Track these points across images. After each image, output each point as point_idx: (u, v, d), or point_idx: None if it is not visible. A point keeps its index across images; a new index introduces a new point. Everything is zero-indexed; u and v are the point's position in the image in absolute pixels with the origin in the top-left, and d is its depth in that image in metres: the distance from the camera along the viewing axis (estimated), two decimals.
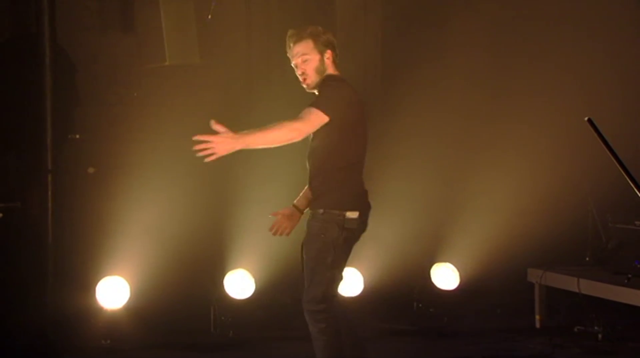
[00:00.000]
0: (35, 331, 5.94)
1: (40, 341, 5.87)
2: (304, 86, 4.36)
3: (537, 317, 6.86)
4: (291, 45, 4.29)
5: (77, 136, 6.49)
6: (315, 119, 4.11)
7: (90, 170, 6.51)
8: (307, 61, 4.27)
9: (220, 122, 3.91)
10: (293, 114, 6.55)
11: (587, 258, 7.04)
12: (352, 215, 4.20)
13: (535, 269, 6.86)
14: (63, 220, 6.44)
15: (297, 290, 6.83)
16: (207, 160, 3.94)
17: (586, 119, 3.04)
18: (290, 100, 6.81)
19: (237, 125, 6.70)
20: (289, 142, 4.09)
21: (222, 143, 3.96)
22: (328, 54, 4.30)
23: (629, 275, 6.23)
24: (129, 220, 6.27)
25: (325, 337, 4.21)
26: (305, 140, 4.28)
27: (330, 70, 4.32)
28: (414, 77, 7.04)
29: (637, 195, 2.96)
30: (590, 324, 6.42)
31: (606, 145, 2.99)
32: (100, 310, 6.14)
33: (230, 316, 6.44)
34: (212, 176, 6.68)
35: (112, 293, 6.17)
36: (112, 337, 5.99)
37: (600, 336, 6.31)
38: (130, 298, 6.19)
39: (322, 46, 4.28)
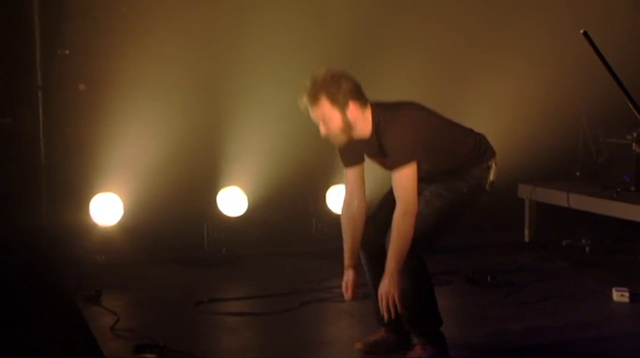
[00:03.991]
0: (31, 247, 5.99)
1: (36, 256, 5.93)
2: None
3: (526, 231, 6.95)
4: (308, 107, 3.75)
5: (67, 52, 6.42)
6: (410, 180, 3.67)
7: (81, 86, 6.45)
8: (328, 121, 3.72)
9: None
10: (285, 25, 6.57)
11: (578, 174, 7.09)
12: None
13: (525, 185, 6.92)
14: (55, 137, 6.44)
15: (289, 207, 6.95)
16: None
17: (582, 31, 2.99)
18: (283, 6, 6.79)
19: (228, 38, 6.68)
20: (414, 219, 3.68)
21: (395, 294, 3.64)
22: (351, 106, 3.71)
23: (618, 189, 6.30)
24: (122, 137, 6.25)
25: None
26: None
27: (360, 116, 3.74)
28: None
29: (630, 109, 2.95)
30: (578, 238, 6.53)
31: (600, 58, 2.96)
32: (94, 226, 6.17)
33: (223, 233, 6.49)
34: (205, 94, 6.66)
35: (106, 210, 6.18)
36: (107, 253, 6.04)
37: (587, 249, 6.42)
38: (123, 215, 6.21)
39: (342, 101, 3.70)
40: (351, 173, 3.96)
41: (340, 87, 3.72)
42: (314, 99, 3.71)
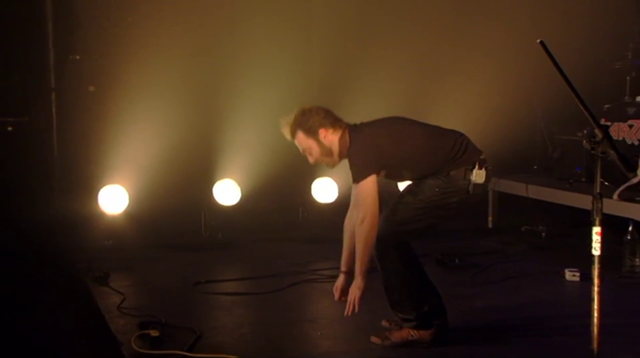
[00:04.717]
0: (45, 233, 5.95)
1: (50, 242, 5.90)
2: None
3: (490, 218, 6.97)
4: (289, 139, 3.90)
5: (78, 57, 6.38)
6: (368, 191, 3.64)
7: (91, 88, 6.41)
8: (309, 150, 3.85)
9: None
10: (274, 31, 6.55)
11: (535, 167, 7.13)
12: None
13: None
14: (67, 134, 6.40)
15: (278, 198, 6.94)
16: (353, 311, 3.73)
17: (538, 40, 3.00)
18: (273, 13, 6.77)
19: (222, 43, 6.64)
20: (375, 230, 3.65)
21: (356, 293, 3.70)
22: (322, 133, 3.80)
23: (571, 180, 6.35)
24: (127, 134, 6.22)
25: None
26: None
27: (336, 139, 3.81)
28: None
29: (581, 110, 2.96)
30: (536, 224, 6.56)
31: (555, 64, 2.96)
32: (102, 214, 6.14)
33: (219, 220, 6.48)
34: (202, 95, 6.63)
35: (113, 199, 6.15)
36: (113, 238, 6.02)
37: (543, 234, 6.46)
38: (129, 204, 6.19)
39: (313, 130, 3.80)
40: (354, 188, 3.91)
41: (310, 119, 3.81)
42: (292, 135, 3.85)
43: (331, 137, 3.81)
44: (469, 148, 3.82)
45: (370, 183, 3.65)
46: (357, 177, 3.68)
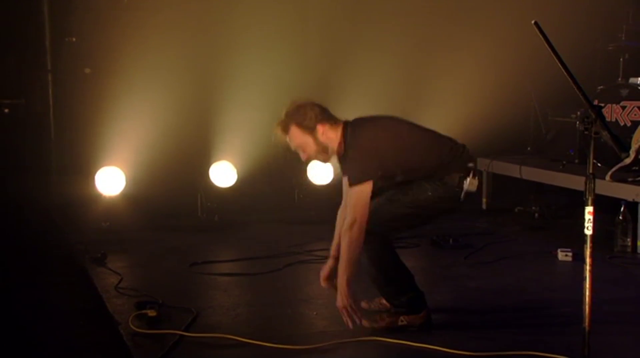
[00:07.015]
0: (43, 215, 5.96)
1: (48, 223, 5.90)
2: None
3: (484, 200, 6.98)
4: (280, 134, 3.74)
5: (74, 39, 6.35)
6: (362, 196, 3.54)
7: (87, 70, 6.39)
8: (304, 147, 3.69)
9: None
10: (269, 16, 6.51)
11: (529, 148, 7.14)
12: None
13: (483, 158, 6.93)
14: (64, 116, 6.39)
15: (274, 179, 6.94)
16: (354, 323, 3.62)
17: (533, 22, 2.98)
18: None
19: (218, 26, 6.62)
20: (363, 236, 3.55)
21: (351, 304, 3.60)
22: (320, 129, 3.65)
23: (564, 162, 6.36)
24: (124, 116, 6.20)
25: None
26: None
27: (333, 135, 3.67)
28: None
29: (575, 91, 2.95)
30: (529, 205, 6.57)
31: (549, 46, 2.95)
32: (99, 196, 6.13)
33: (215, 202, 6.47)
34: (199, 78, 6.61)
35: (110, 181, 6.14)
36: (111, 220, 6.01)
37: (536, 215, 6.48)
38: (126, 186, 6.17)
39: (310, 126, 3.65)
40: (345, 180, 3.80)
41: (307, 114, 3.66)
42: (285, 130, 3.69)
43: (328, 134, 3.68)
44: (464, 156, 3.77)
45: (366, 188, 3.56)
46: (355, 180, 3.58)
